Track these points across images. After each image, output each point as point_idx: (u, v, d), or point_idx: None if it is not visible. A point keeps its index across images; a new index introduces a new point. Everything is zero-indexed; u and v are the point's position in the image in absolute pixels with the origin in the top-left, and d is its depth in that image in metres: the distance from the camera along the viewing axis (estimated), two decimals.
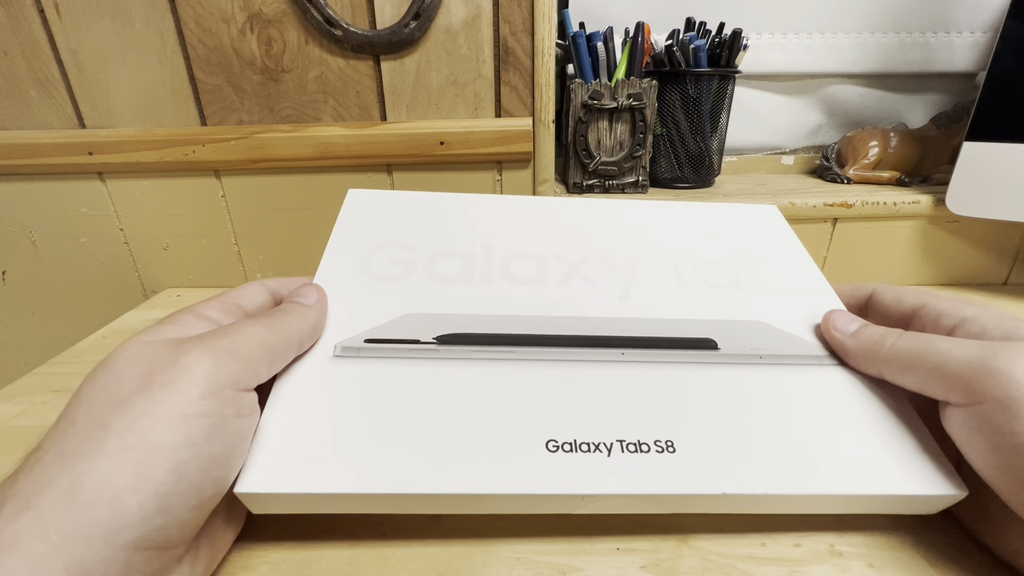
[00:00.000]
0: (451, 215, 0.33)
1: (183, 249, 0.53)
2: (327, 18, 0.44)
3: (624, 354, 0.25)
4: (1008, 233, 0.51)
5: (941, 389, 0.21)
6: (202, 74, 0.46)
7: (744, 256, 0.32)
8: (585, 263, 0.30)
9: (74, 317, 0.56)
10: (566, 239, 0.32)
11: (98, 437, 0.16)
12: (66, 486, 0.15)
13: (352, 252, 0.30)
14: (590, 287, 0.29)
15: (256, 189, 0.50)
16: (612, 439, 0.22)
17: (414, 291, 0.28)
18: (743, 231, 0.34)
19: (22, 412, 0.34)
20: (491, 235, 0.32)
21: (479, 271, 0.29)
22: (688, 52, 0.49)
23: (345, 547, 0.22)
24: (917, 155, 0.55)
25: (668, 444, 0.21)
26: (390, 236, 0.31)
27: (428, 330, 0.26)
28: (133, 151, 0.48)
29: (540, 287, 0.29)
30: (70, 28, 0.45)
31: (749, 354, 0.25)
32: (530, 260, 0.30)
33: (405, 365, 0.24)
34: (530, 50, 0.45)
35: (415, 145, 0.47)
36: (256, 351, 0.20)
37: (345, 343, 0.25)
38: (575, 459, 0.21)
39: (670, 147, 0.54)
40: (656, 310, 0.28)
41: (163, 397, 0.17)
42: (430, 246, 0.30)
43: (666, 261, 0.31)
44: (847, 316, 0.27)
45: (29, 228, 0.52)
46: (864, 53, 0.58)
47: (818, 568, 0.21)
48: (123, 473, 0.16)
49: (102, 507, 0.15)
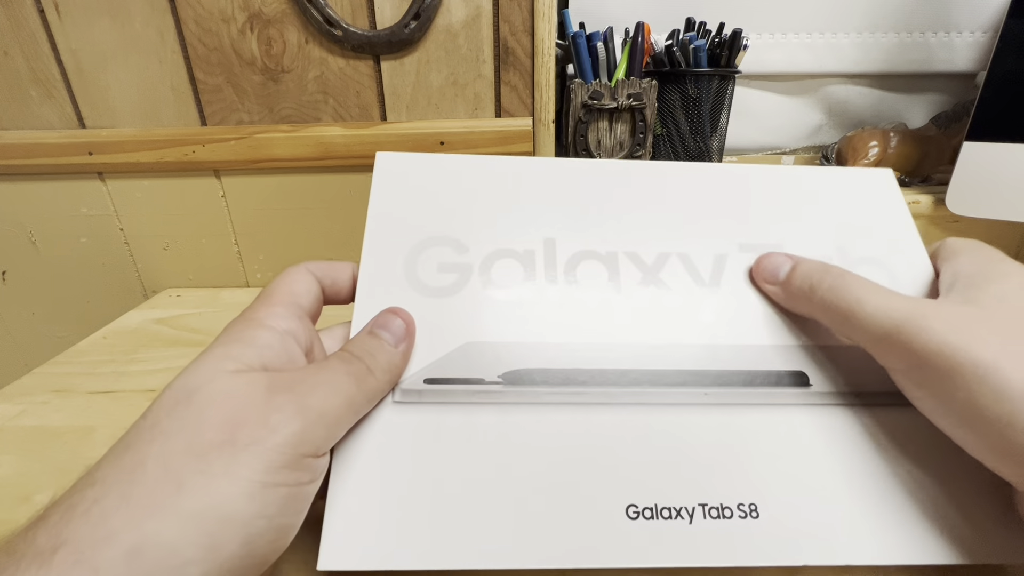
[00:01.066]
0: (500, 188, 0.28)
1: (183, 249, 0.53)
2: (327, 18, 0.44)
3: (707, 394, 0.23)
4: (1008, 233, 0.51)
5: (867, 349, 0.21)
6: (202, 74, 0.46)
7: (846, 254, 0.27)
8: (663, 266, 0.26)
9: (74, 317, 0.56)
10: (637, 224, 0.27)
11: (169, 492, 0.15)
12: (129, 546, 0.14)
13: (395, 251, 0.26)
14: (669, 293, 0.25)
15: (256, 189, 0.50)
16: (694, 503, 0.20)
17: (471, 308, 0.25)
18: (847, 213, 0.28)
19: (22, 412, 0.34)
20: (551, 221, 0.27)
21: (542, 279, 0.25)
22: (688, 52, 0.49)
23: None
24: (917, 155, 0.55)
25: (752, 509, 0.20)
26: (435, 226, 0.27)
27: (491, 364, 0.23)
28: (133, 151, 0.48)
29: (614, 297, 0.25)
30: (70, 28, 0.45)
31: (844, 392, 0.23)
32: (599, 261, 0.26)
33: (470, 412, 0.22)
34: (530, 50, 0.45)
35: (415, 145, 0.47)
36: (344, 413, 0.19)
37: (405, 386, 0.23)
38: (656, 527, 0.20)
39: (670, 147, 0.54)
40: (742, 331, 0.25)
41: (246, 460, 0.16)
42: (483, 242, 0.26)
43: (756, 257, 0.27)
44: (775, 260, 0.24)
45: (29, 228, 0.52)
46: (864, 53, 0.58)
47: (818, 568, 0.21)
48: (193, 543, 0.14)
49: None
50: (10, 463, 0.30)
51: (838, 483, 0.21)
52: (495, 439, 0.21)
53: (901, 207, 0.29)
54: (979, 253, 0.23)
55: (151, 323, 0.47)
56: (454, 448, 0.21)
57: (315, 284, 0.24)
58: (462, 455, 0.21)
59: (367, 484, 0.20)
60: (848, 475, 0.21)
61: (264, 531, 0.16)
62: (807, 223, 0.28)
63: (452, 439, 0.21)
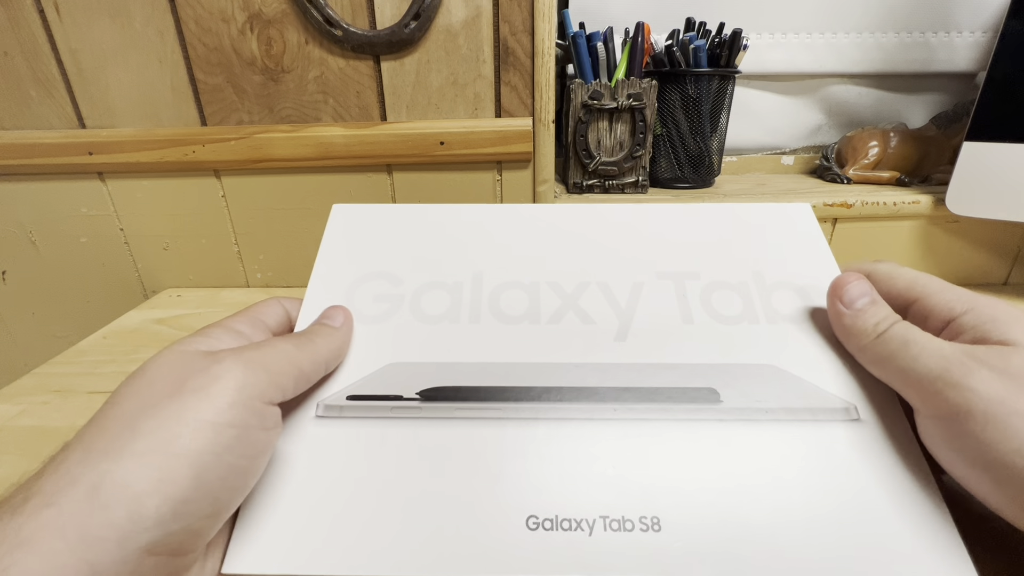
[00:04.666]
0: (440, 233, 0.31)
1: (183, 249, 0.53)
2: (327, 18, 0.44)
3: (616, 410, 0.23)
4: (1008, 233, 0.51)
5: (909, 396, 0.21)
6: (202, 74, 0.46)
7: (762, 279, 0.28)
8: (582, 294, 0.28)
9: (74, 317, 0.56)
10: (563, 259, 0.29)
11: (126, 439, 0.17)
12: (88, 484, 0.15)
13: (337, 283, 0.28)
14: (585, 325, 0.27)
15: (256, 189, 0.50)
16: (595, 515, 0.20)
17: (399, 333, 0.27)
18: (766, 244, 0.30)
19: (22, 412, 0.34)
20: (482, 258, 0.29)
21: (467, 307, 0.27)
22: (688, 52, 0.49)
23: None
24: (917, 155, 0.55)
25: (654, 522, 0.20)
26: (376, 263, 0.29)
27: (412, 383, 0.25)
28: (133, 151, 0.48)
29: (531, 325, 0.27)
30: (70, 28, 0.45)
31: (754, 408, 0.23)
32: (522, 291, 0.28)
33: (387, 426, 0.23)
34: (530, 50, 0.45)
35: (415, 145, 0.47)
36: (285, 367, 0.21)
37: (328, 401, 0.24)
38: (555, 538, 0.20)
39: (670, 147, 0.54)
40: (655, 352, 0.25)
41: (193, 403, 0.17)
42: (417, 276, 0.29)
43: (672, 287, 0.28)
44: (859, 288, 0.24)
45: (29, 228, 0.52)
46: (864, 53, 0.58)
47: None
48: (145, 476, 0.16)
49: (121, 508, 0.15)
50: (10, 463, 0.30)
51: (747, 495, 0.21)
52: (408, 452, 0.22)
53: (819, 239, 0.30)
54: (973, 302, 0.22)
55: (151, 323, 0.47)
56: (367, 460, 0.22)
57: (283, 311, 0.26)
58: (374, 467, 0.22)
59: (280, 493, 0.21)
60: (758, 486, 0.21)
61: (213, 467, 0.17)
62: (725, 252, 0.29)
63: (366, 451, 0.22)
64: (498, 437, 0.23)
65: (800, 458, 0.21)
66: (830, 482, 0.21)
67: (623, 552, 0.19)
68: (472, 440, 0.23)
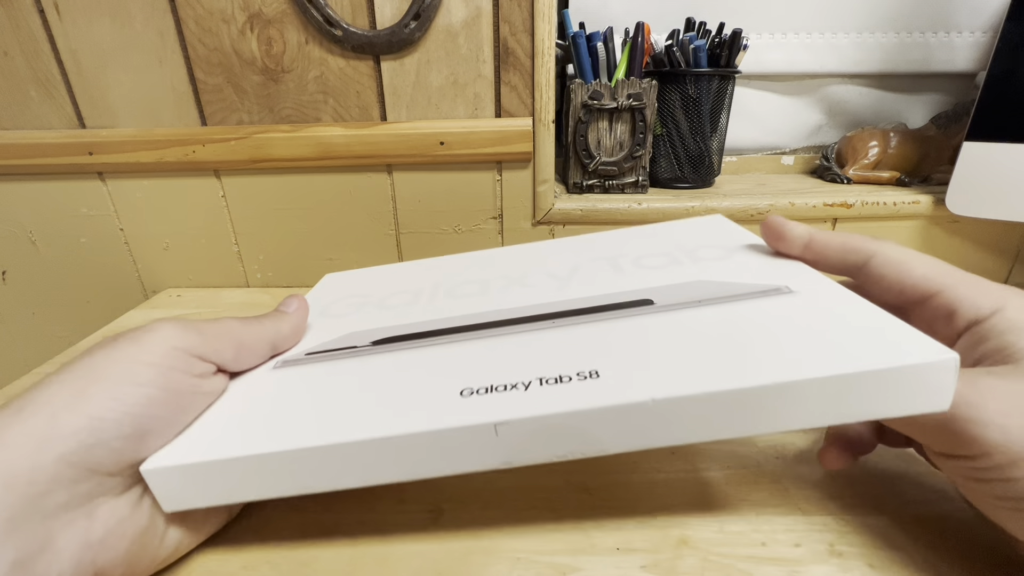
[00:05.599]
0: (410, 273, 0.36)
1: (183, 249, 0.53)
2: (327, 18, 0.44)
3: (555, 323, 0.24)
4: (1008, 233, 0.51)
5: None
6: (202, 74, 0.46)
7: (684, 247, 0.31)
8: (527, 276, 0.31)
9: (74, 317, 0.56)
10: (512, 265, 0.34)
11: (60, 375, 0.19)
12: (16, 406, 0.18)
13: (313, 307, 0.32)
14: (529, 289, 0.29)
15: (256, 189, 0.50)
16: (531, 377, 0.20)
17: (363, 319, 0.29)
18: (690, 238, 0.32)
19: None
20: (443, 275, 0.34)
21: (426, 297, 0.31)
22: (688, 52, 0.49)
23: (345, 547, 0.22)
24: (917, 155, 0.55)
25: (592, 372, 0.20)
26: (351, 290, 0.35)
27: (366, 338, 0.27)
28: (133, 151, 0.48)
29: (481, 298, 0.29)
30: (70, 28, 0.45)
31: (687, 302, 0.24)
32: (475, 283, 0.32)
33: (339, 363, 0.25)
34: (530, 50, 0.45)
35: (415, 145, 0.47)
36: (222, 334, 0.23)
37: (286, 357, 0.26)
38: (489, 399, 0.19)
39: (670, 147, 0.54)
40: (593, 293, 0.27)
41: (125, 346, 0.20)
42: (383, 289, 0.33)
43: (606, 263, 0.31)
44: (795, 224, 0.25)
45: (29, 228, 0.52)
46: (864, 53, 0.58)
47: (818, 568, 0.21)
48: (64, 395, 0.18)
49: (39, 419, 0.17)
50: None
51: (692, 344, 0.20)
52: (354, 372, 0.24)
53: (740, 231, 0.32)
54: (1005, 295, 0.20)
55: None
56: (314, 383, 0.23)
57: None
58: (319, 386, 0.23)
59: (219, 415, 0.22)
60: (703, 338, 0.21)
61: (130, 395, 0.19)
62: (653, 243, 0.33)
63: (315, 379, 0.24)
64: (441, 353, 0.24)
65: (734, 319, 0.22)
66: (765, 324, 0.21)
67: (560, 397, 0.19)
68: (415, 358, 0.24)
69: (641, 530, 0.23)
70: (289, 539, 0.23)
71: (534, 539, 0.22)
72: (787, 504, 0.24)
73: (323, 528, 0.23)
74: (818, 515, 0.23)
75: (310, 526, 0.23)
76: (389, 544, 0.22)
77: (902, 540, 0.22)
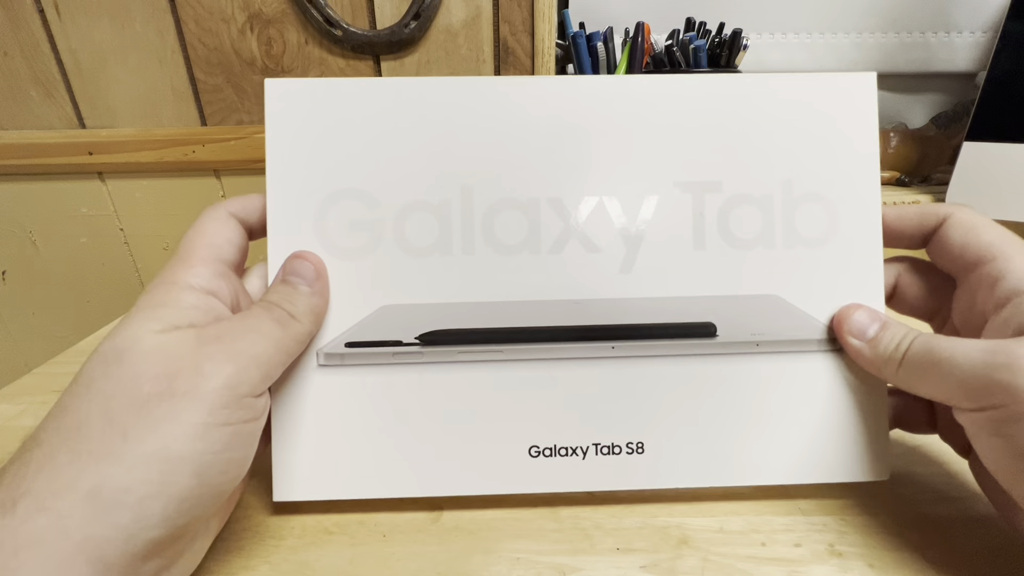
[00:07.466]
0: (412, 127, 0.25)
1: None
2: (327, 18, 0.44)
3: (614, 348, 0.25)
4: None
5: (950, 399, 0.20)
6: (202, 74, 0.46)
7: (790, 189, 0.25)
8: (587, 214, 0.25)
9: (74, 317, 0.56)
10: (564, 164, 0.25)
11: (117, 443, 0.16)
12: (88, 489, 0.15)
13: (302, 205, 0.24)
14: (590, 254, 0.24)
15: (256, 189, 0.50)
16: (588, 443, 0.24)
17: (386, 269, 0.24)
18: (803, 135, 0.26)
19: (22, 412, 0.34)
20: (469, 167, 0.24)
21: (458, 234, 0.24)
22: (688, 52, 0.49)
23: (345, 547, 0.22)
24: (917, 155, 0.55)
25: (638, 446, 0.24)
26: (343, 176, 0.24)
27: (409, 326, 0.24)
28: (133, 151, 0.48)
29: (531, 256, 0.24)
30: (70, 28, 0.45)
31: (747, 341, 0.25)
32: (519, 212, 0.24)
33: (390, 373, 0.24)
34: (530, 50, 0.45)
35: None
36: (274, 354, 0.20)
37: (327, 349, 0.23)
38: (553, 463, 0.24)
39: None
40: (660, 284, 0.25)
41: (185, 405, 0.17)
42: (395, 195, 0.24)
43: (690, 203, 0.25)
44: (864, 317, 0.23)
45: (29, 228, 0.52)
46: (864, 53, 0.58)
47: (818, 568, 0.21)
48: (146, 480, 0.16)
49: (126, 512, 0.15)
50: None
51: (728, 420, 0.24)
52: (414, 396, 0.24)
53: (869, 128, 0.26)
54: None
55: None
56: (376, 405, 0.24)
57: (237, 229, 0.24)
58: (384, 410, 0.24)
59: (304, 433, 0.23)
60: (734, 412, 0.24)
61: (213, 464, 0.17)
62: (752, 154, 0.25)
63: (374, 397, 0.24)
64: (500, 378, 0.24)
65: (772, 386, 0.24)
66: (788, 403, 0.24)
67: (611, 470, 0.24)
68: (474, 382, 0.24)
69: (641, 530, 0.23)
70: (289, 539, 0.23)
71: (534, 539, 0.22)
72: (787, 504, 0.24)
73: (323, 528, 0.23)
74: (818, 515, 0.23)
75: (310, 526, 0.23)
76: (389, 544, 0.22)
77: (902, 540, 0.22)
